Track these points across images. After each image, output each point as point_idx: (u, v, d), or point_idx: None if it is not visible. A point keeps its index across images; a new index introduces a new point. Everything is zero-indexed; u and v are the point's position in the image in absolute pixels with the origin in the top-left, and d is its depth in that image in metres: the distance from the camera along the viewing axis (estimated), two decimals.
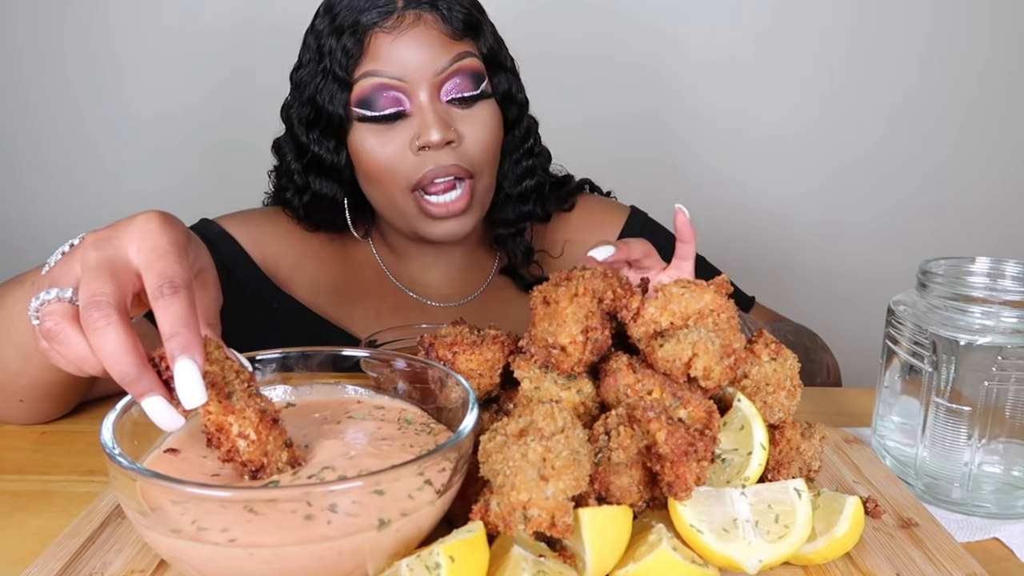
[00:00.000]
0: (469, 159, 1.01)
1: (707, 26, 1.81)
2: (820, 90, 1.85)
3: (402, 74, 0.98)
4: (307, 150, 1.06)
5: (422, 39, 0.98)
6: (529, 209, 1.16)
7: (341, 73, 0.99)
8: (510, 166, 1.13)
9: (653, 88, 1.85)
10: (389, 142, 1.00)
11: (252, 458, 0.55)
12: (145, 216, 0.57)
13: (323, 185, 1.08)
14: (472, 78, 1.01)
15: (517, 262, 1.18)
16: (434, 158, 0.99)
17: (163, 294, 0.52)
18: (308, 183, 1.08)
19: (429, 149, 0.99)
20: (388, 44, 0.97)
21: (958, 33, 1.82)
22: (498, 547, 0.54)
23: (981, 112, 1.87)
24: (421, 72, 0.98)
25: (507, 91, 1.08)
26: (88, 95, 1.80)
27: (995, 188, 1.91)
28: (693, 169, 1.90)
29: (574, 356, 0.63)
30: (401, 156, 1.00)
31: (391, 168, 1.00)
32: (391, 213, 1.06)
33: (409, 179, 1.00)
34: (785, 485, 0.59)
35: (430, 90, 0.99)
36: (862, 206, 1.92)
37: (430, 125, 0.97)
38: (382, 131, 1.00)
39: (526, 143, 1.14)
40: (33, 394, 0.82)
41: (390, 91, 0.98)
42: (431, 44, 0.98)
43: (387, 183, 1.02)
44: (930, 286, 0.75)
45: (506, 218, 1.15)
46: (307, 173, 1.08)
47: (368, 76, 0.98)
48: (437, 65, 0.98)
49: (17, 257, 1.22)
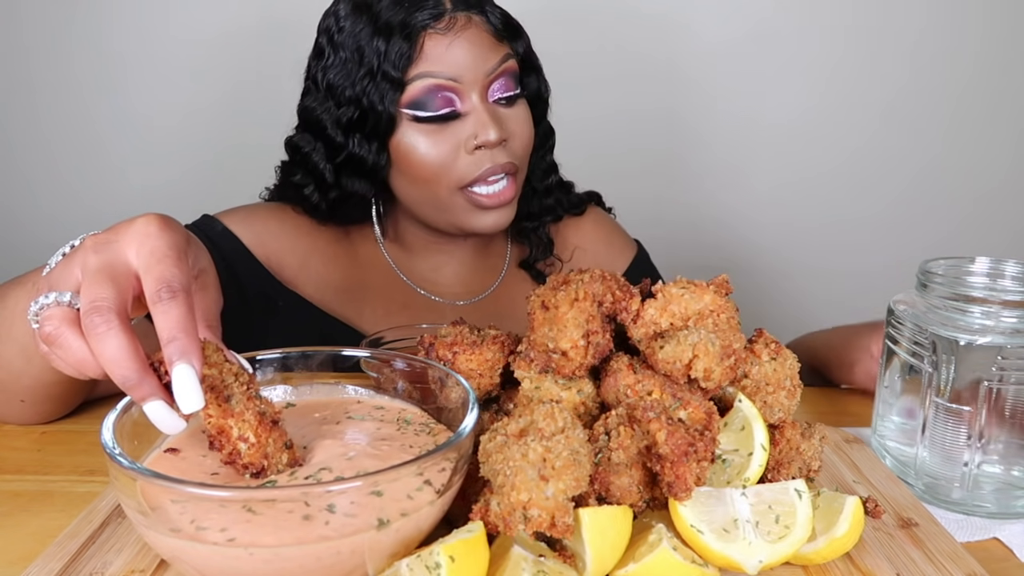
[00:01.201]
0: (517, 156, 1.04)
1: (705, 20, 1.81)
2: (820, 88, 1.85)
3: (456, 75, 0.99)
4: (342, 150, 1.05)
5: (474, 41, 1.00)
6: (551, 203, 1.21)
7: (395, 74, 0.99)
8: (536, 162, 1.16)
9: (649, 86, 1.85)
10: (442, 142, 1.01)
11: (252, 461, 0.55)
12: (144, 219, 0.57)
13: (356, 184, 1.08)
14: (514, 79, 1.05)
15: (538, 254, 1.21)
16: (490, 156, 1.01)
17: (161, 298, 0.52)
18: (338, 183, 1.08)
19: (485, 148, 1.01)
20: (444, 46, 0.99)
21: (977, 26, 1.82)
22: (498, 547, 0.54)
23: (996, 107, 1.87)
24: (473, 73, 1.00)
25: (537, 90, 1.12)
26: (94, 93, 1.80)
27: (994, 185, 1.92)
28: (693, 168, 1.90)
29: (575, 361, 0.62)
30: (455, 156, 1.01)
31: (444, 167, 1.01)
32: (430, 211, 1.07)
33: (463, 178, 1.02)
34: (786, 486, 0.59)
35: (480, 91, 1.01)
36: (862, 205, 1.92)
37: (487, 125, 1.00)
38: (434, 131, 1.01)
39: (549, 140, 1.18)
40: (34, 394, 0.82)
41: (444, 92, 1.00)
42: (481, 45, 1.01)
43: (435, 183, 1.03)
44: (930, 286, 0.75)
45: (531, 211, 1.19)
46: (339, 173, 1.08)
47: (422, 77, 0.99)
48: (488, 66, 1.01)
49: (24, 255, 1.22)
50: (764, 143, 1.89)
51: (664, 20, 1.82)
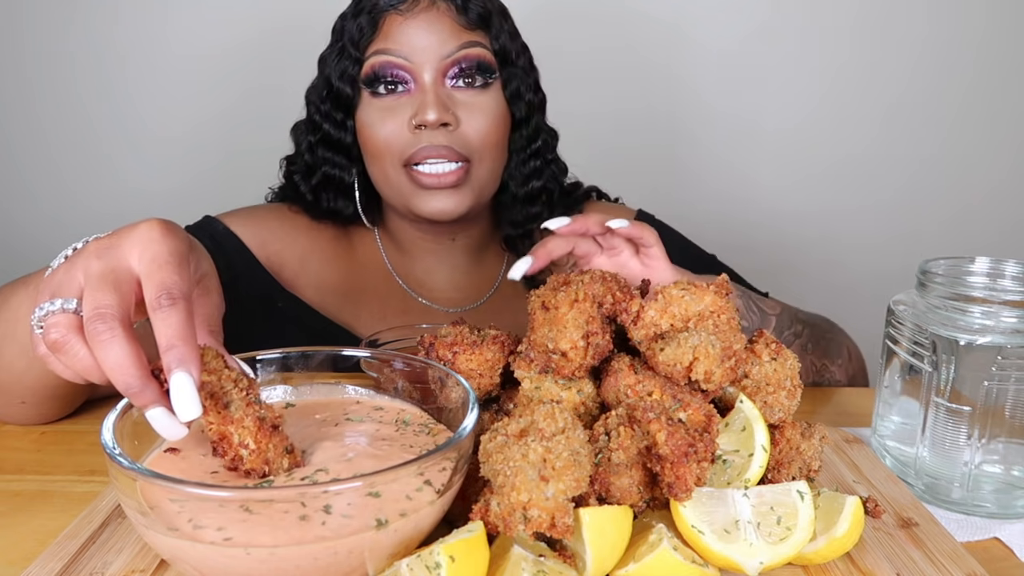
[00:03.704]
0: (465, 143, 1.03)
1: (708, 20, 1.81)
2: (820, 88, 1.85)
3: (409, 54, 1.02)
4: (319, 126, 1.10)
5: (433, 24, 1.02)
6: (537, 211, 1.18)
7: (353, 50, 1.04)
8: (516, 165, 1.14)
9: (650, 86, 1.85)
10: (390, 118, 1.03)
11: (254, 466, 0.55)
12: (147, 224, 0.57)
13: (333, 163, 1.11)
14: (478, 68, 1.04)
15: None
16: (428, 137, 1.01)
17: (161, 305, 0.52)
18: (317, 161, 1.12)
19: (425, 128, 1.01)
20: (399, 25, 1.02)
21: (979, 29, 1.82)
22: (498, 547, 0.54)
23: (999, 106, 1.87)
24: (427, 54, 1.01)
25: (516, 89, 1.10)
26: (94, 96, 1.80)
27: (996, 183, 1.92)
28: (694, 166, 1.90)
29: (575, 361, 0.62)
30: (399, 132, 1.03)
31: (388, 143, 1.04)
32: (387, 191, 1.09)
33: (402, 154, 1.03)
34: (788, 487, 0.59)
35: (435, 73, 1.02)
36: (862, 206, 1.92)
37: (428, 104, 1.00)
38: (385, 107, 1.04)
39: (533, 143, 1.15)
40: (36, 396, 0.82)
41: (396, 69, 1.02)
42: (440, 30, 1.02)
43: (382, 158, 1.05)
44: (930, 286, 0.75)
45: (514, 219, 1.17)
46: (317, 149, 1.12)
47: (378, 54, 1.03)
48: (444, 50, 1.02)
49: (24, 258, 1.22)
50: (764, 144, 1.89)
51: (666, 20, 1.82)
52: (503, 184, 1.13)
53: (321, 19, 1.13)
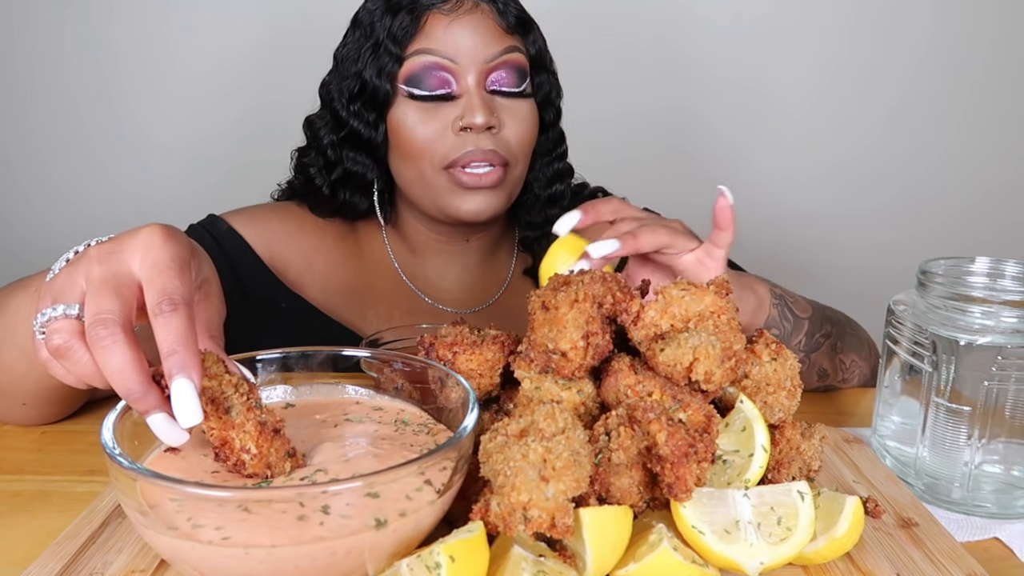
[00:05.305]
0: (506, 147, 1.03)
1: (714, 19, 1.81)
2: (822, 88, 1.85)
3: (454, 56, 1.00)
4: (345, 124, 1.07)
5: (477, 26, 1.01)
6: (556, 213, 1.17)
7: (394, 48, 1.01)
8: (541, 168, 1.15)
9: (650, 86, 1.85)
10: (432, 120, 1.02)
11: (256, 471, 0.55)
12: (149, 229, 0.57)
13: (356, 161, 1.09)
14: (517, 73, 1.04)
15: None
16: (474, 140, 1.01)
17: (162, 311, 0.52)
18: (340, 159, 1.10)
19: (471, 131, 1.01)
20: (444, 25, 1.00)
21: (984, 30, 1.82)
22: (498, 547, 0.54)
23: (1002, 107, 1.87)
24: (472, 56, 1.01)
25: (547, 94, 1.11)
26: (88, 99, 1.80)
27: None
28: (694, 166, 1.90)
29: (575, 361, 0.62)
30: (441, 135, 1.02)
31: (429, 146, 1.02)
32: (419, 192, 1.07)
33: (445, 157, 1.02)
34: (788, 487, 0.59)
35: (477, 76, 1.01)
36: (862, 205, 1.92)
37: (476, 108, 1.00)
38: (426, 109, 1.02)
39: (559, 147, 1.16)
40: (36, 398, 0.82)
41: (440, 71, 1.01)
42: (485, 32, 1.01)
43: (421, 160, 1.03)
44: (930, 286, 0.75)
45: (534, 221, 1.18)
46: (341, 147, 1.09)
47: (420, 54, 1.01)
48: (488, 53, 1.01)
49: (18, 260, 1.22)
50: (765, 143, 1.89)
51: (667, 20, 1.82)
52: (525, 186, 1.13)
53: (321, 19, 1.12)
